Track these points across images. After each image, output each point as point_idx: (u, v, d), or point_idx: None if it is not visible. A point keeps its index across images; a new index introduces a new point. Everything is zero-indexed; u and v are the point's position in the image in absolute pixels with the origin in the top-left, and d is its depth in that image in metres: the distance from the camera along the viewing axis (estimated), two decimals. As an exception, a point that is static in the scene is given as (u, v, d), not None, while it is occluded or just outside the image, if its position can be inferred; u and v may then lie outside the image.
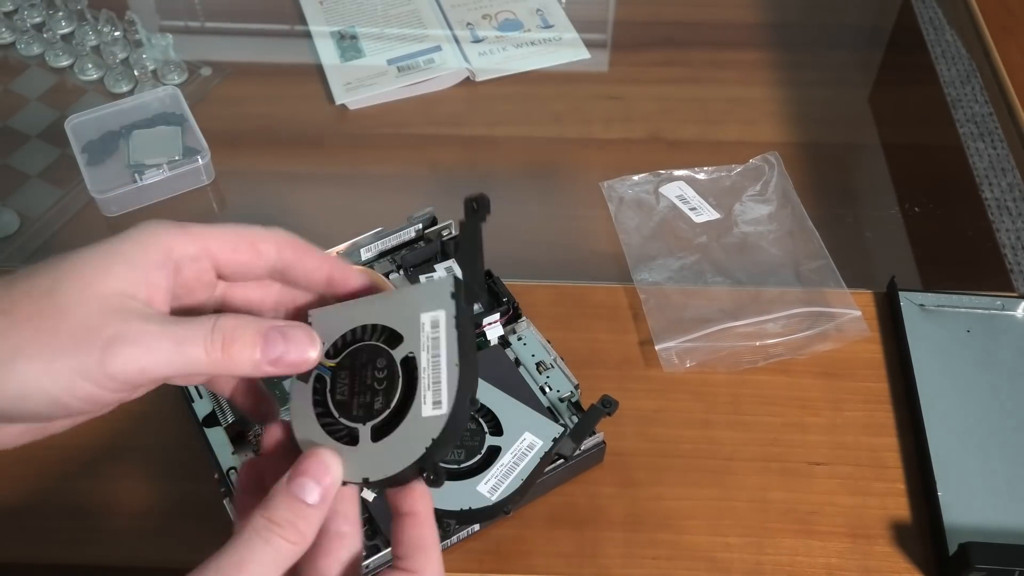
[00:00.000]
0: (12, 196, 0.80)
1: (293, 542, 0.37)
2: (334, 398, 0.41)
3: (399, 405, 0.40)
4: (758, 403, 0.64)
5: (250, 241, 0.41)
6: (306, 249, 0.42)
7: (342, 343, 0.42)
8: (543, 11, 0.98)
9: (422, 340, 0.40)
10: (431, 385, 0.40)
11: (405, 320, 0.41)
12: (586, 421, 0.57)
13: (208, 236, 0.40)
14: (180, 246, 0.39)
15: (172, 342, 0.37)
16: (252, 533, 0.37)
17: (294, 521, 0.37)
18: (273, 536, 0.37)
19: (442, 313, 0.40)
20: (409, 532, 0.40)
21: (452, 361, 0.40)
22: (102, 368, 0.36)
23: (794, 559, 0.57)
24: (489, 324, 0.62)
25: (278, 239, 0.41)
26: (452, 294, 0.40)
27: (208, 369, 0.38)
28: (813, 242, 0.73)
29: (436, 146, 0.86)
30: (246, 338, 0.38)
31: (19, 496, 0.59)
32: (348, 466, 0.40)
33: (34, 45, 0.92)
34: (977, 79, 1.72)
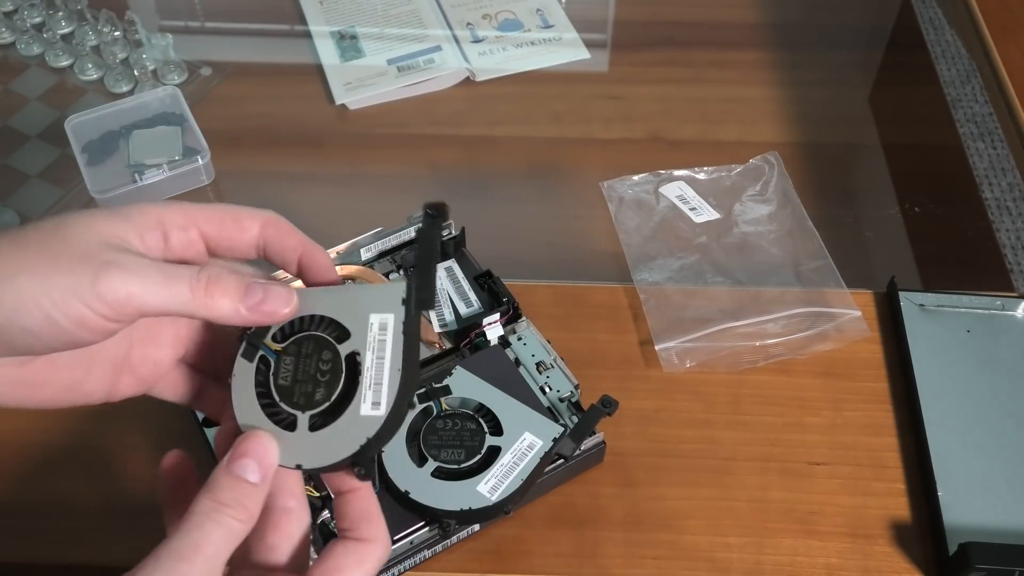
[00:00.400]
0: (12, 196, 0.80)
1: (242, 520, 0.39)
2: (276, 382, 0.43)
3: (339, 399, 0.41)
4: (758, 403, 0.64)
5: (235, 217, 0.43)
6: (288, 230, 0.44)
7: (290, 329, 0.43)
8: (543, 11, 0.98)
9: (369, 340, 0.42)
10: (372, 385, 0.41)
11: (355, 318, 0.42)
12: (586, 421, 0.57)
13: (198, 212, 0.43)
14: (170, 216, 0.42)
15: (161, 275, 0.40)
16: (202, 516, 0.39)
17: (240, 500, 0.39)
18: (223, 516, 0.39)
19: (391, 317, 0.42)
20: (353, 505, 0.42)
21: (396, 366, 0.41)
22: (93, 288, 0.38)
23: (794, 559, 0.57)
24: (489, 324, 0.62)
25: (263, 218, 0.44)
26: (403, 300, 0.42)
27: (190, 307, 0.40)
28: (813, 242, 0.73)
29: (436, 146, 0.86)
30: (229, 284, 0.41)
31: (19, 496, 0.59)
32: (284, 450, 0.41)
33: (34, 45, 0.92)
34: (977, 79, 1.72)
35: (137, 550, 0.57)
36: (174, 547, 0.38)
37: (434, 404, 0.57)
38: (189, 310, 0.40)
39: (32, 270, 0.38)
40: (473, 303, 0.64)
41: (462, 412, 0.57)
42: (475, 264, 0.67)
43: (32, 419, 0.62)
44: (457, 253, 0.67)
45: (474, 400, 0.58)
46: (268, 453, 0.41)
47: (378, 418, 0.41)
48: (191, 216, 0.42)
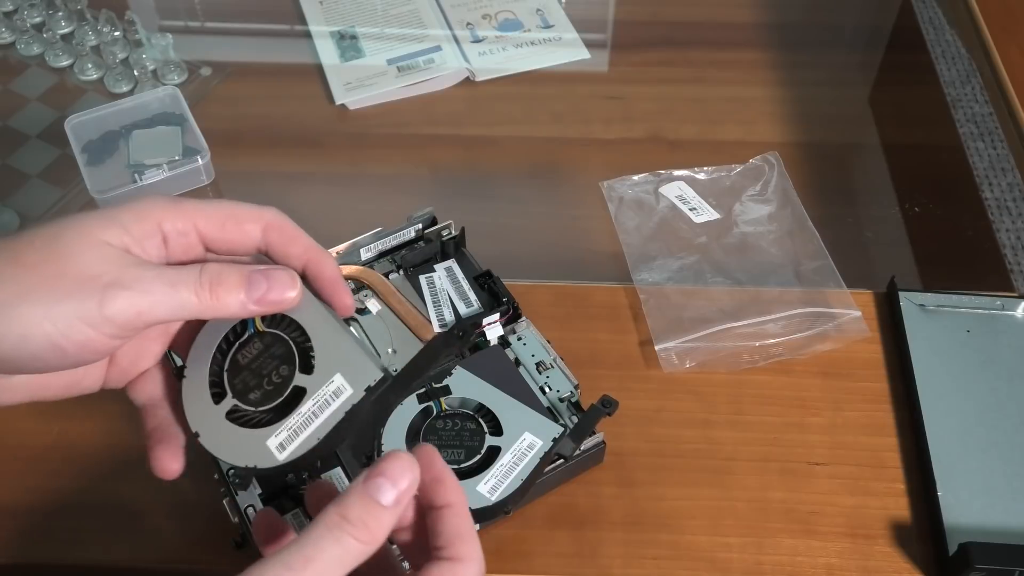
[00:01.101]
0: (12, 196, 0.80)
1: (363, 541, 0.37)
2: (236, 352, 0.43)
3: (264, 414, 0.42)
4: (758, 403, 0.64)
5: (237, 221, 0.43)
6: (291, 235, 0.43)
7: (279, 319, 0.43)
8: (543, 11, 0.98)
9: (320, 391, 0.42)
10: (291, 429, 0.41)
11: (327, 362, 0.42)
12: (586, 421, 0.57)
13: (197, 213, 0.42)
14: (170, 220, 0.41)
15: (165, 285, 0.39)
16: (323, 530, 0.37)
17: (366, 520, 0.37)
18: (344, 535, 0.37)
19: (349, 392, 0.42)
20: (449, 522, 0.40)
21: (319, 434, 0.41)
22: (101, 311, 0.38)
23: (794, 559, 0.57)
24: (489, 324, 0.62)
25: (266, 220, 0.43)
26: (368, 387, 0.41)
27: (199, 311, 0.40)
28: (813, 242, 0.73)
29: (436, 146, 0.86)
30: (232, 281, 0.40)
31: (19, 496, 0.59)
32: (196, 412, 0.42)
33: (34, 45, 0.92)
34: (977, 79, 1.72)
35: (137, 550, 0.57)
36: (284, 556, 0.36)
37: (434, 404, 0.57)
38: (197, 314, 0.40)
39: (34, 297, 0.37)
40: (473, 303, 0.64)
41: (462, 412, 0.57)
42: (475, 264, 0.67)
43: (32, 420, 0.62)
44: (457, 253, 0.67)
45: (474, 400, 0.58)
46: (406, 476, 0.39)
47: (273, 458, 0.41)
48: (190, 218, 0.42)
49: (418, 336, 0.62)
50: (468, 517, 0.41)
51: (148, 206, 0.41)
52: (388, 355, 0.61)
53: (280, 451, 0.41)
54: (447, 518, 0.40)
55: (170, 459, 0.43)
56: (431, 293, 0.65)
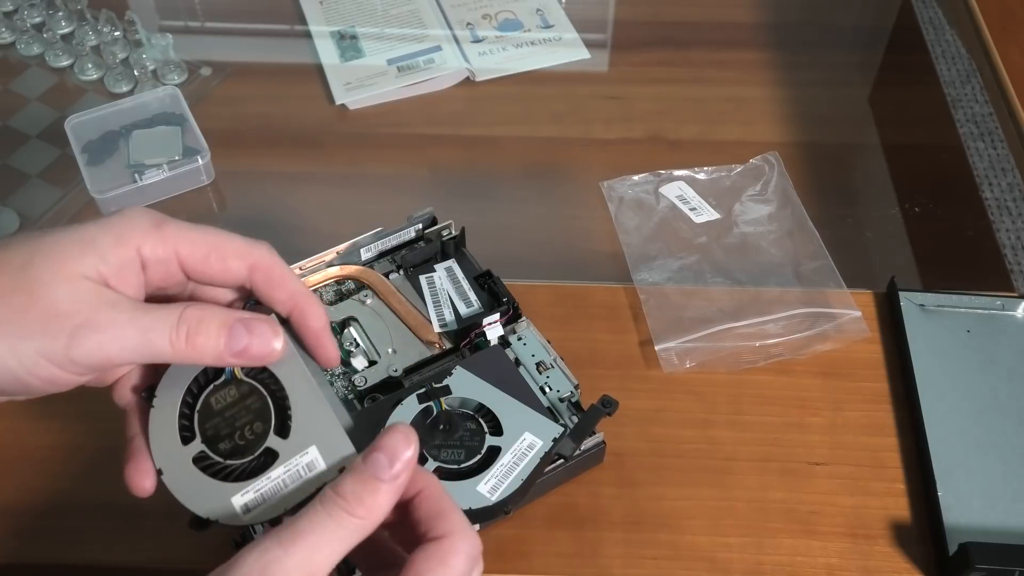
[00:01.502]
0: (12, 196, 0.80)
1: (358, 516, 0.36)
2: (209, 396, 0.42)
3: (232, 469, 0.41)
4: (758, 403, 0.64)
5: (221, 255, 0.41)
6: (279, 279, 0.41)
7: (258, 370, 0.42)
8: (543, 11, 0.98)
9: (292, 461, 0.41)
10: (260, 492, 0.40)
11: (304, 429, 0.41)
12: (586, 421, 0.57)
13: (180, 241, 0.40)
14: (149, 246, 0.39)
15: (137, 331, 0.37)
16: (318, 505, 0.36)
17: (360, 494, 0.36)
18: (337, 509, 0.36)
19: (322, 468, 0.41)
20: (424, 505, 0.40)
21: (284, 505, 0.40)
22: (67, 353, 0.36)
23: (794, 559, 0.57)
24: (489, 324, 0.62)
25: (253, 259, 0.41)
26: (342, 468, 0.40)
27: (172, 358, 0.38)
28: (813, 242, 0.73)
29: (436, 146, 0.86)
30: (211, 330, 0.38)
31: (19, 496, 0.59)
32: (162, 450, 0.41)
33: (34, 45, 0.92)
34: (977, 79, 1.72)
35: (137, 550, 0.57)
36: (277, 531, 0.35)
37: (434, 404, 0.57)
38: (171, 360, 0.39)
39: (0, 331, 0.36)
40: (473, 303, 0.64)
41: (462, 412, 0.57)
42: (475, 264, 0.67)
43: (32, 420, 0.62)
44: (457, 253, 0.67)
45: (474, 400, 0.58)
46: (404, 449, 0.37)
47: (236, 516, 0.40)
48: (172, 246, 0.40)
49: (418, 336, 0.62)
50: (444, 495, 0.40)
51: (127, 228, 0.39)
52: (388, 355, 0.61)
53: (244, 512, 0.40)
54: (423, 502, 0.40)
55: (142, 476, 0.42)
56: (431, 293, 0.65)
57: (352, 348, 0.61)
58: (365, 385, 0.60)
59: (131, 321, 0.37)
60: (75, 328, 0.36)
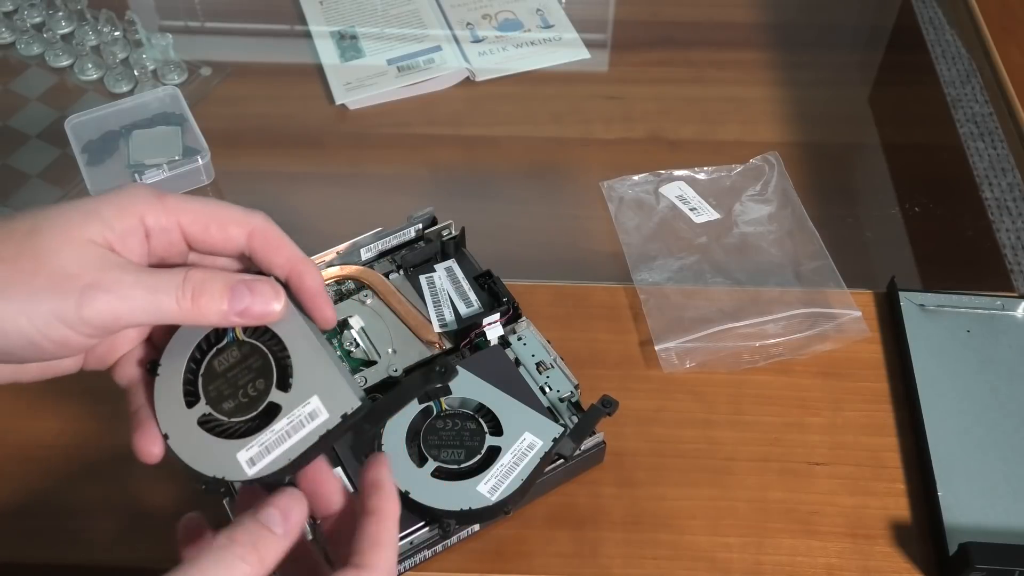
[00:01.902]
0: (12, 196, 0.80)
1: (249, 562, 0.37)
2: (213, 358, 0.43)
3: (236, 426, 0.41)
4: (758, 403, 0.64)
5: (221, 223, 0.42)
6: (276, 244, 0.43)
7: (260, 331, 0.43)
8: (543, 11, 0.98)
9: (295, 411, 0.41)
10: (264, 445, 0.41)
11: (305, 381, 0.42)
12: (586, 421, 0.57)
13: (182, 211, 0.41)
14: (153, 215, 0.40)
15: (145, 291, 0.38)
16: (207, 552, 0.37)
17: (254, 542, 0.38)
18: (229, 554, 0.37)
19: (325, 416, 0.41)
20: (369, 528, 0.41)
21: (290, 454, 0.41)
22: (78, 313, 0.37)
23: (794, 559, 0.57)
24: (489, 324, 0.62)
25: (251, 226, 0.42)
26: (344, 414, 0.41)
27: (178, 319, 0.39)
28: (813, 242, 0.73)
29: (436, 146, 0.86)
30: (215, 291, 0.40)
31: (19, 496, 0.59)
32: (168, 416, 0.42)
33: (34, 45, 0.92)
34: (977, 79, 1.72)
35: (137, 550, 0.57)
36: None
37: (434, 404, 0.57)
38: (177, 320, 0.40)
39: (10, 293, 0.37)
40: (473, 303, 0.64)
41: (462, 412, 0.57)
42: (475, 264, 0.67)
43: (32, 420, 0.62)
44: (457, 253, 0.67)
45: (474, 400, 0.58)
46: (296, 512, 0.39)
47: (242, 471, 0.41)
48: (174, 215, 0.41)
49: (418, 336, 0.62)
50: (392, 528, 0.41)
51: (130, 200, 0.40)
52: (388, 355, 0.61)
53: (249, 466, 0.41)
54: (369, 524, 0.41)
55: (150, 442, 0.42)
56: (431, 293, 0.65)
57: (352, 348, 0.61)
58: (365, 385, 0.60)
59: (138, 282, 0.38)
60: (85, 287, 0.37)
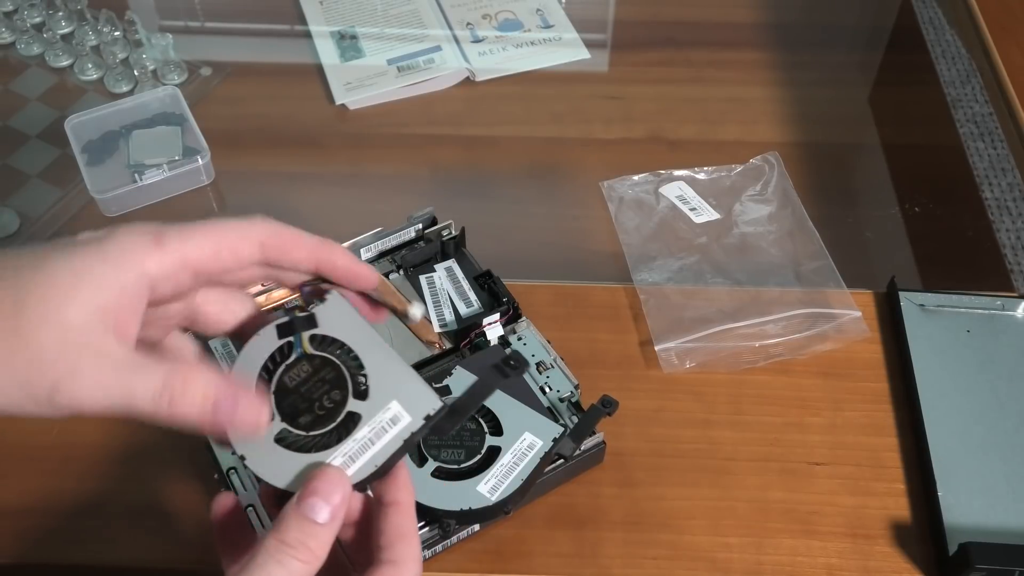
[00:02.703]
0: (12, 196, 0.80)
1: (305, 561, 0.38)
2: (283, 375, 0.42)
3: (315, 439, 0.41)
4: (758, 403, 0.64)
5: (230, 246, 0.40)
6: (292, 240, 0.42)
7: (327, 341, 0.42)
8: (543, 11, 0.98)
9: (376, 418, 0.41)
10: (348, 454, 0.41)
11: (382, 388, 0.42)
12: (586, 421, 0.57)
13: (186, 248, 0.39)
14: (155, 264, 0.38)
15: (122, 388, 0.37)
16: (266, 556, 0.38)
17: (305, 541, 0.38)
18: (286, 557, 0.38)
19: (408, 419, 0.41)
20: (391, 521, 0.41)
21: (376, 461, 0.41)
22: (50, 400, 0.36)
23: (794, 559, 0.57)
24: (489, 324, 0.62)
25: (260, 235, 0.41)
26: (427, 416, 0.41)
27: (152, 418, 0.38)
28: (813, 242, 0.73)
29: (436, 146, 0.86)
30: (195, 399, 0.38)
31: (19, 496, 0.59)
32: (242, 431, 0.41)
33: (34, 45, 0.92)
34: (977, 79, 1.72)
35: (137, 550, 0.57)
36: None
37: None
38: (150, 419, 0.38)
39: None
40: (473, 303, 0.64)
41: (462, 412, 0.57)
42: (475, 264, 0.67)
43: (31, 420, 0.62)
44: (457, 253, 0.67)
45: (474, 400, 0.58)
46: (337, 491, 0.39)
47: None
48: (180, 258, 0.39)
49: (418, 336, 0.62)
50: (413, 516, 0.41)
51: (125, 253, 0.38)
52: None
53: None
54: (391, 516, 0.41)
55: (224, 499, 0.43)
56: (431, 293, 0.65)
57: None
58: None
59: (116, 377, 0.37)
60: (59, 378, 0.36)
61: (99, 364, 0.37)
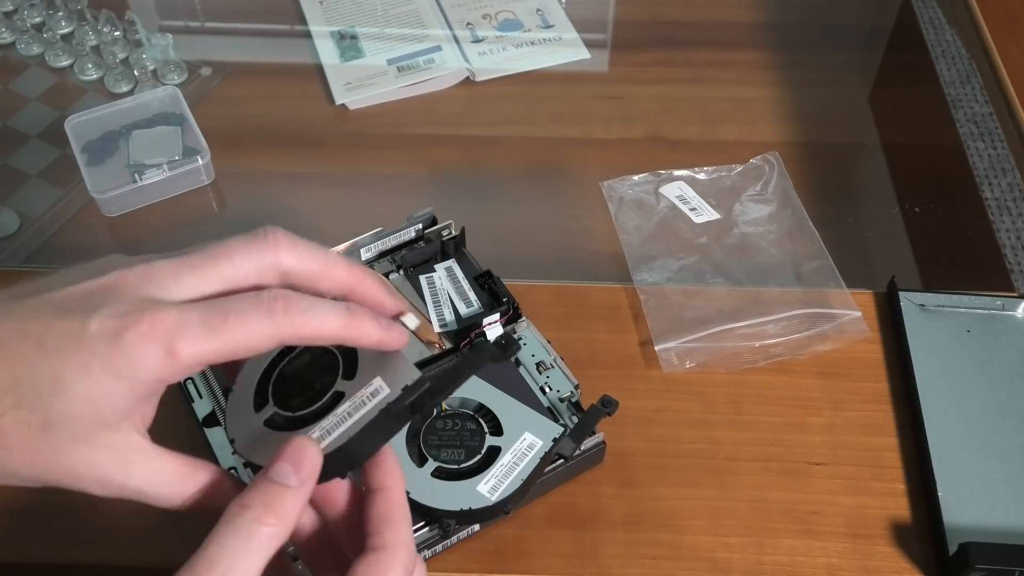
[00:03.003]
0: (12, 196, 0.80)
1: (270, 524, 0.36)
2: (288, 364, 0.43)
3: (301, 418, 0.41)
4: (758, 403, 0.64)
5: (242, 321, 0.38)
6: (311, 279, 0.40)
7: None
8: (543, 11, 0.98)
9: (358, 393, 0.41)
10: (325, 428, 0.41)
11: (368, 368, 0.42)
12: (586, 421, 0.57)
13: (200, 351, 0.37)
14: (169, 374, 0.37)
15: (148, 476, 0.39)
16: (223, 525, 0.36)
17: (269, 502, 0.36)
18: (244, 522, 0.36)
19: (386, 392, 0.41)
20: (378, 506, 0.40)
21: (351, 431, 0.40)
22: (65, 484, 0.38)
23: (794, 559, 0.57)
24: (489, 324, 0.62)
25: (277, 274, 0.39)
26: (406, 387, 0.41)
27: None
28: (813, 242, 0.73)
29: (436, 146, 0.86)
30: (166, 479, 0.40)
31: (19, 496, 0.59)
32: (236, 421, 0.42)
33: (34, 45, 0.92)
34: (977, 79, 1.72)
35: (137, 550, 0.57)
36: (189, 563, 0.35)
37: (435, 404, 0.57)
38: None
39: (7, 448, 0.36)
40: (473, 303, 0.64)
41: (462, 412, 0.57)
42: (475, 264, 0.67)
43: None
44: (457, 253, 0.67)
45: (474, 400, 0.58)
46: (306, 458, 0.38)
47: None
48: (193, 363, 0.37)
49: (418, 336, 0.62)
50: (401, 502, 0.40)
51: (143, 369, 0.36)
52: (388, 355, 0.61)
53: None
54: (378, 502, 0.40)
55: None
56: (431, 293, 0.65)
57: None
58: (365, 385, 0.59)
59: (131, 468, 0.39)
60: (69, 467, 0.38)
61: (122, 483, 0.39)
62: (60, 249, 0.77)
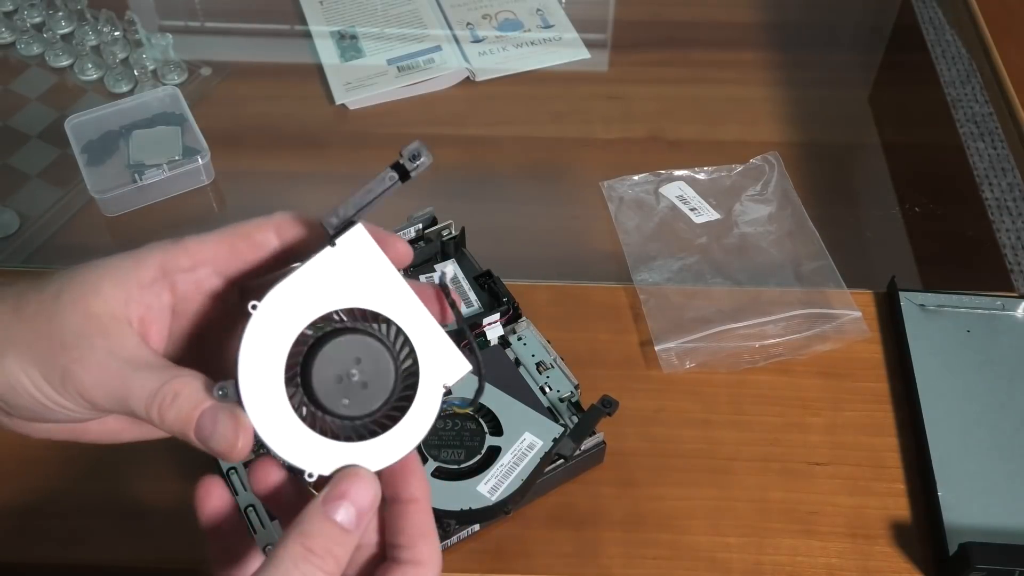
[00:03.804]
0: (12, 196, 0.80)
1: (329, 572, 0.36)
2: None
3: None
4: (758, 403, 0.64)
5: (245, 236, 0.40)
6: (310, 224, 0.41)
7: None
8: (543, 11, 0.98)
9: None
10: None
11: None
12: (586, 421, 0.57)
13: (203, 245, 0.40)
14: (173, 260, 0.39)
15: (121, 387, 0.37)
16: (290, 564, 0.35)
17: (331, 549, 0.36)
18: (310, 567, 0.35)
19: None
20: (412, 519, 0.39)
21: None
22: (62, 382, 0.37)
23: (794, 559, 0.57)
24: (489, 324, 0.62)
25: (274, 224, 0.40)
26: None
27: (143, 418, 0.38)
28: (813, 242, 0.73)
29: (436, 146, 0.85)
30: (181, 413, 0.37)
31: (19, 496, 0.59)
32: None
33: (34, 45, 0.92)
34: (977, 79, 1.72)
35: (137, 550, 0.58)
36: None
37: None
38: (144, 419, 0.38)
39: (18, 351, 0.37)
40: (473, 303, 0.64)
41: (462, 412, 0.57)
42: (475, 264, 0.67)
43: (32, 419, 0.62)
44: (457, 253, 0.67)
45: (474, 400, 0.58)
46: (366, 495, 0.37)
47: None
48: (195, 253, 0.39)
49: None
50: (431, 514, 0.39)
51: (148, 251, 0.39)
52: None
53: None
54: (412, 514, 0.39)
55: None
56: (431, 293, 0.65)
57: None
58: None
59: (119, 375, 0.37)
60: (70, 362, 0.37)
61: (107, 356, 0.37)
62: (60, 249, 0.77)
